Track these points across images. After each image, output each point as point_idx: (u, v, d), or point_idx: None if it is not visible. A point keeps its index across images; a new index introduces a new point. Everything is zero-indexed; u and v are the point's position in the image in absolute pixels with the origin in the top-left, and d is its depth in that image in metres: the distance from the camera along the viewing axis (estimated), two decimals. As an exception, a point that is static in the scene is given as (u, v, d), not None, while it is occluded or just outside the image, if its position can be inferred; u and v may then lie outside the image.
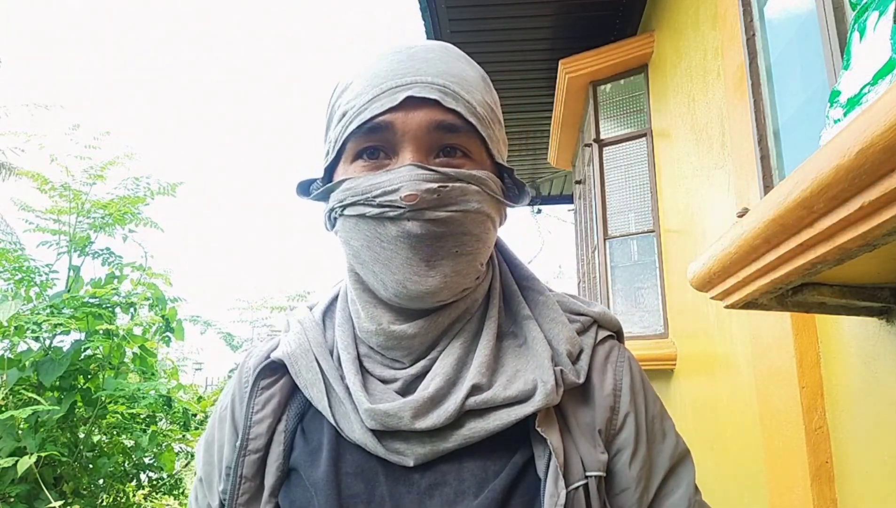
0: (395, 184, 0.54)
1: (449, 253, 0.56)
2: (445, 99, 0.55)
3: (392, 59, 0.57)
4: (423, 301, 0.56)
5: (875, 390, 1.24)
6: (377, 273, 0.57)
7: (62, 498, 2.26)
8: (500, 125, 0.63)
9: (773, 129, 1.80)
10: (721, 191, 2.24)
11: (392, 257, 0.55)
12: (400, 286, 0.55)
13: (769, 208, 0.76)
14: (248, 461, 0.58)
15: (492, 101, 0.62)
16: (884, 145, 0.53)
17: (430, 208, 0.54)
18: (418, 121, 0.55)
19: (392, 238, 0.55)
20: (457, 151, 0.58)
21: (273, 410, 0.61)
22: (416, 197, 0.53)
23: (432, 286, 0.55)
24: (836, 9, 1.38)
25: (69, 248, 2.75)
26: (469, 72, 0.60)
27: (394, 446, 0.55)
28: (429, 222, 0.54)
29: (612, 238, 3.53)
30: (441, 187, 0.54)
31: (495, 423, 0.55)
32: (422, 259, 0.55)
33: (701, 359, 2.54)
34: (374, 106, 0.55)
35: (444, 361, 0.58)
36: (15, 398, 2.39)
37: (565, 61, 3.66)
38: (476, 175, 0.57)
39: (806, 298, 0.98)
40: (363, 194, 0.55)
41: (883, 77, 0.76)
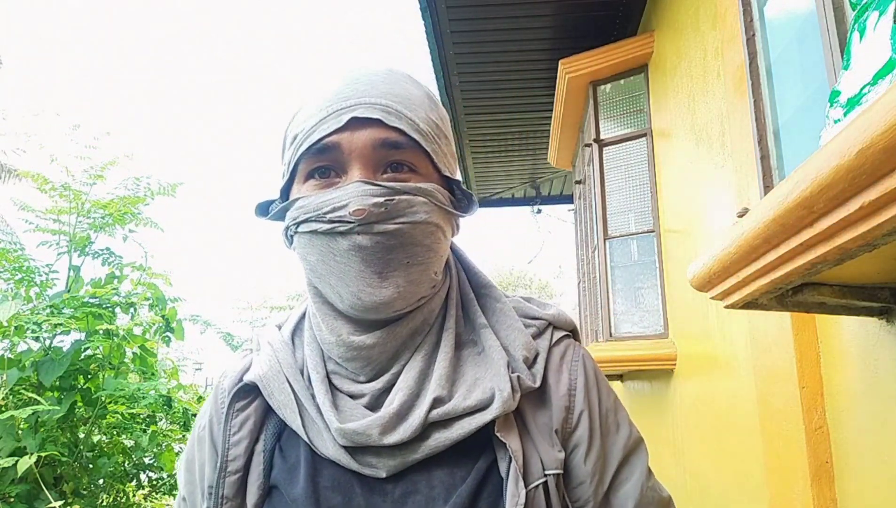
0: (344, 200, 0.57)
1: (400, 264, 0.58)
2: (388, 118, 0.58)
3: (337, 84, 0.61)
4: (379, 312, 0.59)
5: (875, 390, 1.24)
6: (333, 286, 0.59)
7: (62, 498, 2.26)
8: (446, 140, 0.66)
9: (773, 129, 1.80)
10: (721, 191, 2.24)
11: (346, 269, 0.58)
12: (355, 298, 0.58)
13: (769, 208, 0.76)
14: (228, 482, 0.61)
15: (437, 117, 0.64)
16: (884, 145, 0.53)
17: (378, 222, 0.57)
18: (363, 140, 0.58)
19: (344, 252, 0.57)
20: (403, 167, 0.60)
21: (249, 431, 0.63)
22: (364, 211, 0.56)
23: (386, 297, 0.58)
24: (836, 9, 1.38)
25: (69, 248, 2.75)
26: (413, 91, 0.63)
27: (366, 459, 0.58)
28: (378, 235, 0.57)
29: (612, 238, 3.53)
30: (388, 201, 0.57)
31: (458, 432, 0.59)
32: (374, 271, 0.58)
33: (701, 359, 2.54)
34: (322, 128, 0.58)
35: (406, 375, 0.61)
36: (15, 398, 2.39)
37: (565, 61, 3.66)
38: (422, 187, 0.60)
39: (806, 298, 0.98)
40: (315, 211, 0.58)
41: (883, 77, 0.76)
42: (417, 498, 0.58)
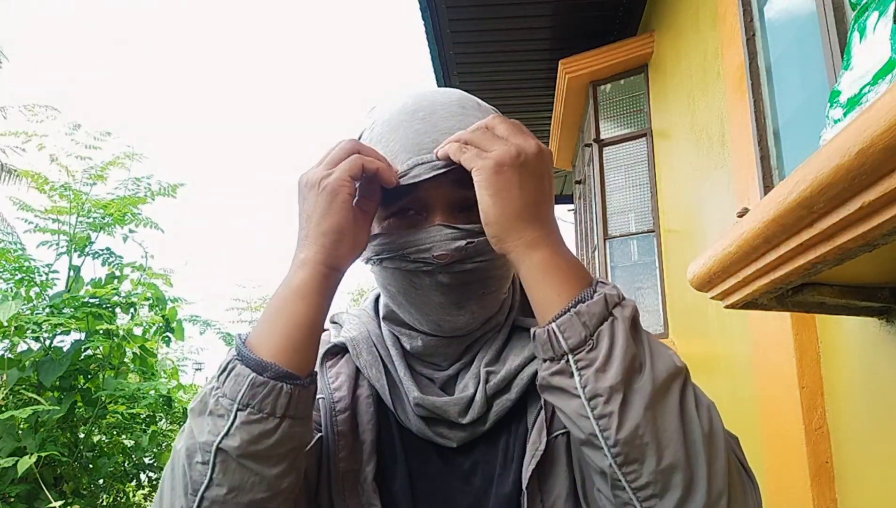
0: (427, 243, 0.60)
1: (476, 295, 0.63)
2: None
3: (414, 129, 0.62)
4: (454, 334, 0.65)
5: (875, 390, 1.24)
6: (412, 314, 0.65)
7: (62, 498, 2.26)
8: None
9: (773, 129, 1.80)
10: (721, 191, 2.24)
11: (426, 301, 0.63)
12: (434, 325, 0.64)
13: (769, 208, 0.76)
14: (340, 419, 0.64)
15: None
16: (884, 145, 0.53)
17: (458, 262, 0.60)
18: (444, 192, 0.61)
19: (426, 286, 0.62)
20: (475, 207, 0.62)
21: (344, 382, 0.67)
22: (447, 256, 0.59)
23: (462, 323, 0.63)
24: (836, 9, 1.38)
25: (69, 248, 2.75)
26: (468, 117, 0.64)
27: (440, 430, 0.64)
28: (458, 274, 0.61)
29: (612, 238, 3.53)
30: (468, 244, 0.60)
31: (516, 391, 0.63)
32: (452, 303, 0.62)
33: (701, 359, 2.54)
34: (402, 181, 0.60)
35: (479, 362, 0.66)
36: (15, 398, 2.39)
37: (565, 61, 3.66)
38: None
39: (806, 298, 0.98)
40: (398, 251, 0.62)
41: (883, 77, 0.76)
42: (484, 469, 0.63)
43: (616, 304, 0.52)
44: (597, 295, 0.52)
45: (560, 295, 0.53)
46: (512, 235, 0.55)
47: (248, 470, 0.52)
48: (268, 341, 0.55)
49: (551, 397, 0.54)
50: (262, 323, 0.57)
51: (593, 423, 0.49)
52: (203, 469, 0.51)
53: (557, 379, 0.52)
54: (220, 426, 0.51)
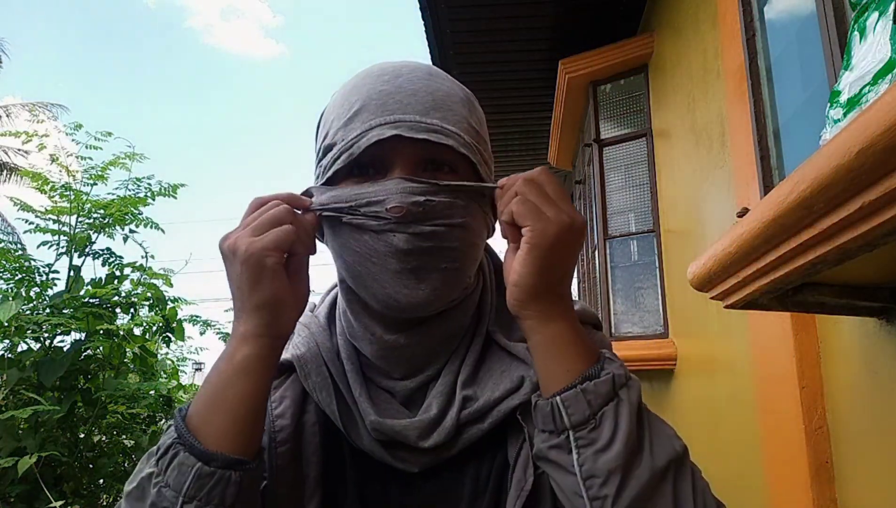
0: (382, 195, 0.55)
1: (437, 267, 0.57)
2: (436, 137, 0.56)
3: (378, 90, 0.58)
4: (414, 312, 0.58)
5: (875, 390, 1.24)
6: (368, 287, 0.58)
7: (62, 498, 2.26)
8: (486, 144, 0.65)
9: (773, 129, 1.80)
10: (721, 191, 2.24)
11: (382, 271, 0.57)
12: (390, 300, 0.57)
13: (769, 208, 0.76)
14: (280, 451, 0.59)
15: (476, 122, 0.63)
16: (884, 145, 0.53)
17: (415, 222, 0.55)
18: (408, 154, 0.57)
19: (380, 253, 0.56)
20: (444, 167, 0.59)
21: (288, 406, 0.62)
22: (402, 209, 0.54)
23: (422, 299, 0.57)
24: (836, 9, 1.38)
25: (69, 248, 2.74)
26: (454, 99, 0.61)
27: (399, 455, 0.59)
28: (414, 237, 0.55)
29: (612, 238, 3.53)
30: (427, 201, 0.55)
31: (490, 422, 0.59)
32: (410, 272, 0.56)
33: (701, 359, 2.54)
34: (361, 142, 0.56)
35: (444, 379, 0.61)
36: (15, 399, 2.38)
37: (565, 61, 3.66)
38: (463, 186, 0.59)
39: (806, 298, 0.98)
40: (347, 203, 0.57)
41: (883, 77, 0.76)
42: (451, 498, 0.59)
43: (623, 385, 0.51)
44: (604, 374, 0.51)
45: (568, 370, 0.52)
46: (535, 304, 0.53)
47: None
48: (212, 423, 0.51)
49: (546, 468, 0.53)
50: (204, 402, 0.53)
51: (587, 503, 0.49)
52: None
53: (555, 453, 0.51)
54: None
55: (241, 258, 0.52)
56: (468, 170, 0.61)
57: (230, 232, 0.55)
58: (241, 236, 0.53)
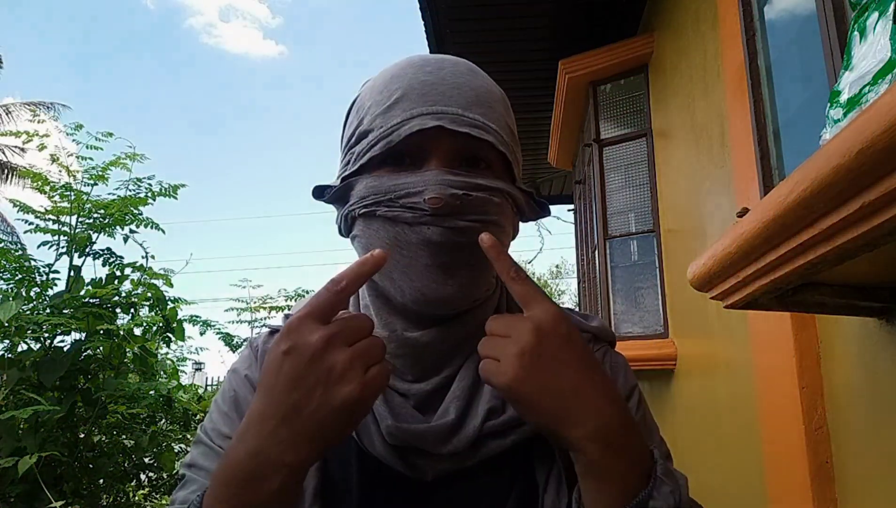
0: (420, 186, 0.54)
1: (466, 264, 0.56)
2: (477, 132, 0.56)
3: (420, 80, 0.57)
4: (440, 308, 0.57)
5: (875, 390, 1.24)
6: (395, 279, 0.57)
7: (62, 498, 2.26)
8: (518, 147, 0.65)
9: (773, 129, 1.80)
10: (721, 191, 2.24)
11: (411, 263, 0.56)
12: (418, 293, 0.56)
13: (769, 208, 0.76)
14: None
15: (512, 123, 0.63)
16: (884, 145, 0.53)
17: (451, 215, 0.54)
18: (447, 146, 0.56)
19: (412, 245, 0.55)
20: (480, 163, 0.58)
21: None
22: (440, 201, 0.53)
23: (449, 294, 0.56)
24: (836, 9, 1.38)
25: (69, 248, 2.74)
26: (494, 97, 0.60)
27: (413, 461, 0.56)
28: (448, 231, 0.54)
29: (612, 238, 3.53)
30: (465, 195, 0.54)
31: (513, 438, 0.57)
32: (440, 267, 0.55)
33: (701, 359, 2.54)
34: (402, 130, 0.55)
35: (460, 383, 0.59)
36: (15, 399, 2.38)
37: (565, 61, 3.66)
38: (500, 187, 0.58)
39: (806, 298, 0.98)
40: (385, 194, 0.55)
41: (883, 77, 0.76)
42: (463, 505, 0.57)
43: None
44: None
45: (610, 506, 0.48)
46: (559, 431, 0.48)
47: None
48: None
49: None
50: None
51: None
52: None
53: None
54: None
55: (345, 399, 0.45)
56: (503, 169, 0.61)
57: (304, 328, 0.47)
58: (334, 353, 0.46)
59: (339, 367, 0.46)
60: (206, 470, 0.60)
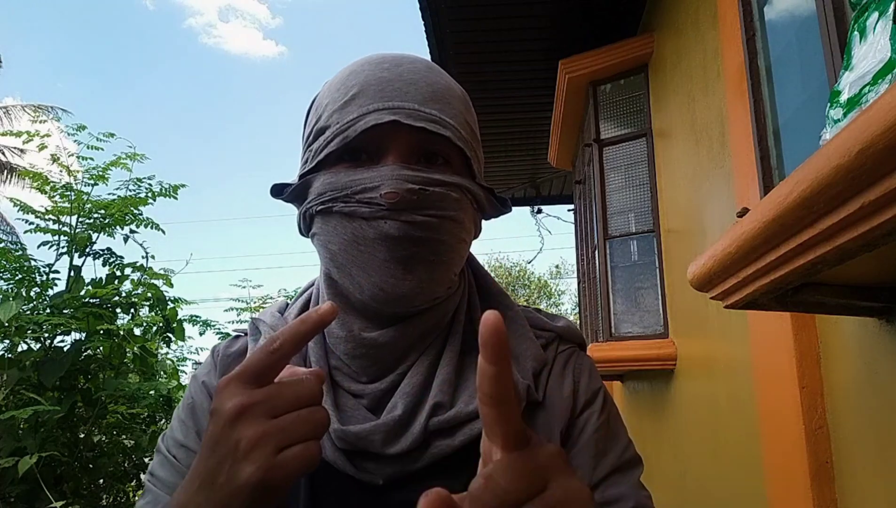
0: (377, 181, 0.54)
1: (425, 259, 0.56)
2: (433, 127, 0.55)
3: (377, 77, 0.57)
4: (399, 305, 0.56)
5: (875, 390, 1.24)
6: (354, 276, 0.56)
7: (62, 498, 2.26)
8: (479, 145, 0.64)
9: (773, 129, 1.80)
10: (721, 191, 2.24)
11: (369, 259, 0.55)
12: (377, 289, 0.55)
13: (769, 208, 0.76)
14: None
15: (472, 120, 0.63)
16: (884, 145, 0.53)
17: (408, 210, 0.54)
18: (404, 142, 0.56)
19: (370, 240, 0.55)
20: (438, 158, 0.58)
21: None
22: (397, 195, 0.53)
23: (408, 290, 0.55)
24: (836, 9, 1.38)
25: (70, 248, 2.75)
26: (453, 93, 0.60)
27: (364, 465, 0.55)
28: (406, 225, 0.54)
29: (612, 238, 3.53)
30: (422, 190, 0.54)
31: (460, 439, 0.56)
32: (398, 262, 0.55)
33: (701, 359, 2.54)
34: (358, 125, 0.55)
35: (410, 379, 0.58)
36: (15, 398, 2.39)
37: (565, 61, 3.66)
38: (459, 182, 0.58)
39: (806, 298, 0.98)
40: (342, 190, 0.55)
41: (883, 77, 0.76)
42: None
43: None
44: None
45: None
46: None
47: None
48: None
49: None
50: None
51: None
52: None
53: None
54: None
55: (245, 480, 0.41)
56: (462, 164, 0.61)
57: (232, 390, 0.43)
58: (252, 442, 0.41)
59: (244, 444, 0.41)
60: (161, 481, 0.60)
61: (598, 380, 0.66)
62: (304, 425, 0.42)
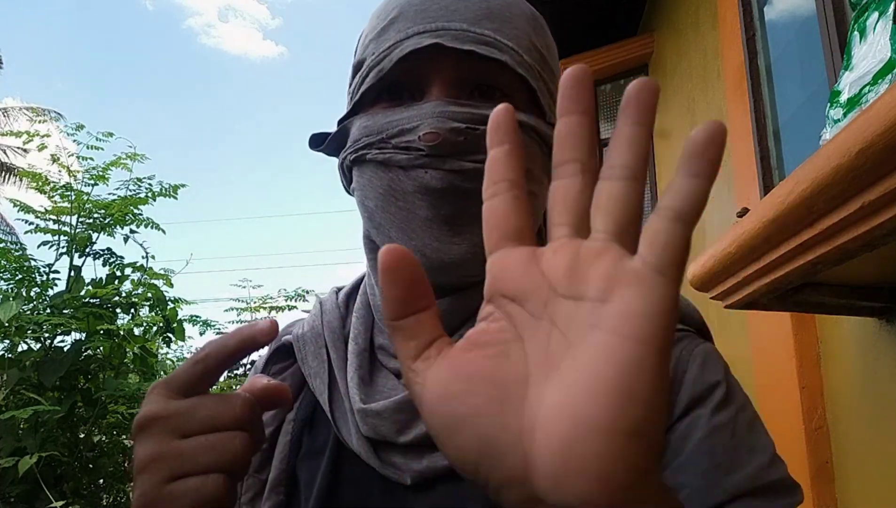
0: (415, 121, 0.45)
1: (478, 218, 0.41)
2: (484, 49, 0.45)
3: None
4: (447, 274, 0.46)
5: (875, 390, 1.24)
6: (394, 239, 0.47)
7: (62, 498, 2.26)
8: (552, 76, 0.52)
9: (773, 129, 1.80)
10: (721, 191, 2.24)
11: (409, 217, 0.46)
12: (418, 254, 0.45)
13: (769, 208, 0.76)
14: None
15: (543, 45, 0.51)
16: (884, 145, 0.53)
17: (453, 156, 0.45)
18: (451, 71, 0.46)
19: (408, 194, 0.46)
20: (496, 92, 0.48)
21: None
22: (438, 137, 0.44)
23: (457, 255, 0.45)
24: (836, 9, 1.38)
25: (69, 248, 2.75)
26: (516, 10, 0.49)
27: (390, 458, 0.46)
28: (451, 174, 0.45)
29: (612, 238, 3.53)
30: (470, 129, 0.44)
31: None
32: (443, 221, 0.45)
33: (701, 359, 2.54)
34: (394, 54, 0.46)
35: None
36: (16, 399, 2.39)
37: (565, 61, 3.65)
38: (520, 120, 0.45)
39: (806, 298, 0.98)
40: (378, 134, 0.46)
41: (883, 77, 0.76)
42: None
43: None
44: None
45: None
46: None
47: None
48: None
49: None
50: None
51: None
52: None
53: None
54: None
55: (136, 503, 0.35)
56: (527, 99, 0.49)
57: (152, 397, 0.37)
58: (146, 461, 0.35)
59: (138, 463, 0.36)
60: None
61: (718, 370, 0.48)
62: (209, 452, 0.35)
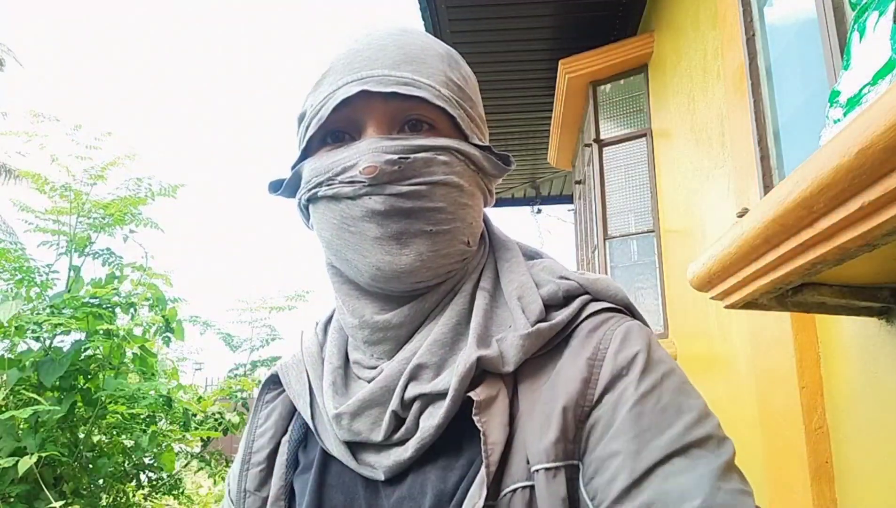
0: (354, 158, 0.52)
1: (421, 231, 0.52)
2: (405, 89, 0.52)
3: (347, 50, 0.55)
4: (401, 281, 0.52)
5: (875, 390, 1.24)
6: (350, 260, 0.54)
7: (62, 498, 2.26)
8: (471, 102, 0.59)
9: (773, 129, 1.80)
10: (721, 191, 2.24)
11: (361, 239, 0.52)
12: (374, 269, 0.52)
13: (769, 208, 0.76)
14: (250, 474, 0.57)
15: (459, 77, 0.58)
16: (884, 145, 0.53)
17: (391, 183, 0.51)
18: (380, 112, 0.53)
19: (358, 219, 0.52)
20: (423, 125, 0.54)
21: (275, 422, 0.59)
22: (375, 169, 0.50)
23: (406, 265, 0.51)
24: (836, 9, 1.38)
25: (69, 248, 2.74)
26: (431, 52, 0.56)
27: (365, 458, 0.52)
28: (392, 197, 0.51)
29: (612, 238, 3.53)
30: (402, 159, 0.51)
31: (444, 414, 0.48)
32: (391, 237, 0.51)
33: (701, 359, 2.54)
34: (329, 103, 0.53)
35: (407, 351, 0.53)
36: (15, 399, 2.39)
37: (565, 61, 3.66)
38: (445, 144, 0.54)
39: (806, 298, 0.98)
40: (325, 173, 0.53)
41: (883, 77, 0.76)
42: (409, 506, 0.49)
43: None
44: None
45: None
46: None
47: None
48: None
49: None
50: None
51: None
52: None
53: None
54: None
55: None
56: (450, 126, 0.56)
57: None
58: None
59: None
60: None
61: (638, 342, 0.49)
62: None
